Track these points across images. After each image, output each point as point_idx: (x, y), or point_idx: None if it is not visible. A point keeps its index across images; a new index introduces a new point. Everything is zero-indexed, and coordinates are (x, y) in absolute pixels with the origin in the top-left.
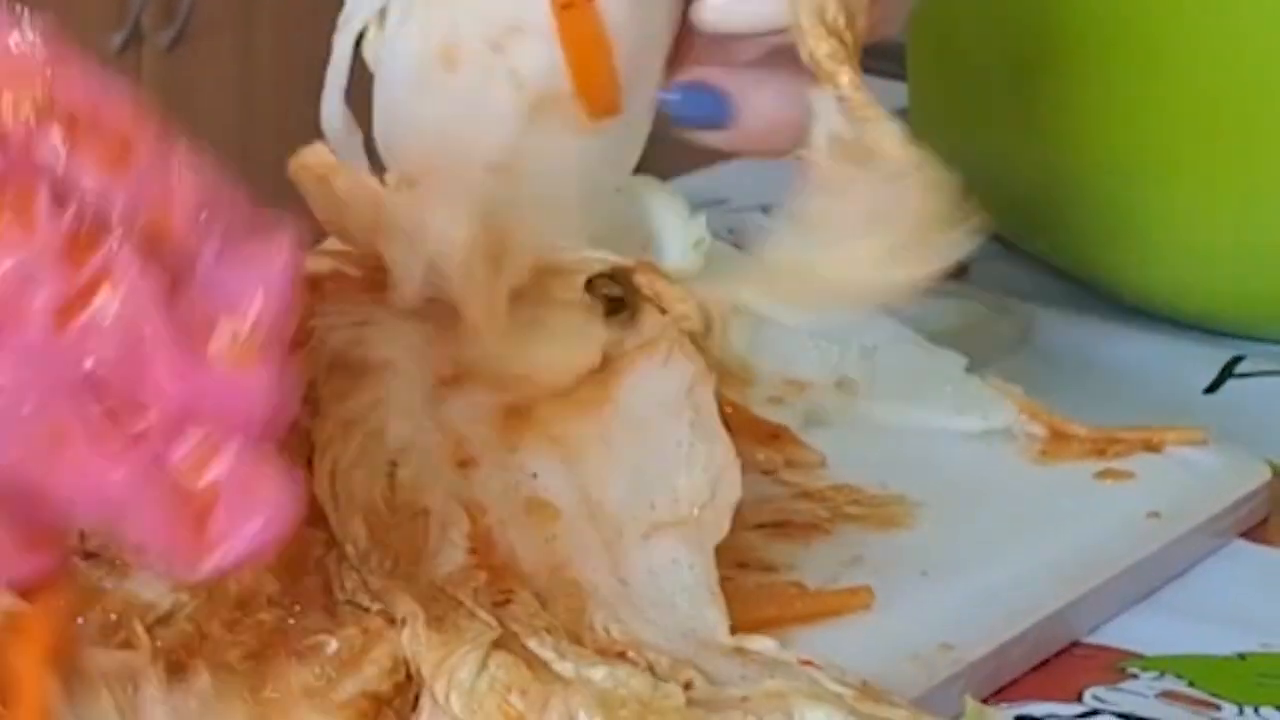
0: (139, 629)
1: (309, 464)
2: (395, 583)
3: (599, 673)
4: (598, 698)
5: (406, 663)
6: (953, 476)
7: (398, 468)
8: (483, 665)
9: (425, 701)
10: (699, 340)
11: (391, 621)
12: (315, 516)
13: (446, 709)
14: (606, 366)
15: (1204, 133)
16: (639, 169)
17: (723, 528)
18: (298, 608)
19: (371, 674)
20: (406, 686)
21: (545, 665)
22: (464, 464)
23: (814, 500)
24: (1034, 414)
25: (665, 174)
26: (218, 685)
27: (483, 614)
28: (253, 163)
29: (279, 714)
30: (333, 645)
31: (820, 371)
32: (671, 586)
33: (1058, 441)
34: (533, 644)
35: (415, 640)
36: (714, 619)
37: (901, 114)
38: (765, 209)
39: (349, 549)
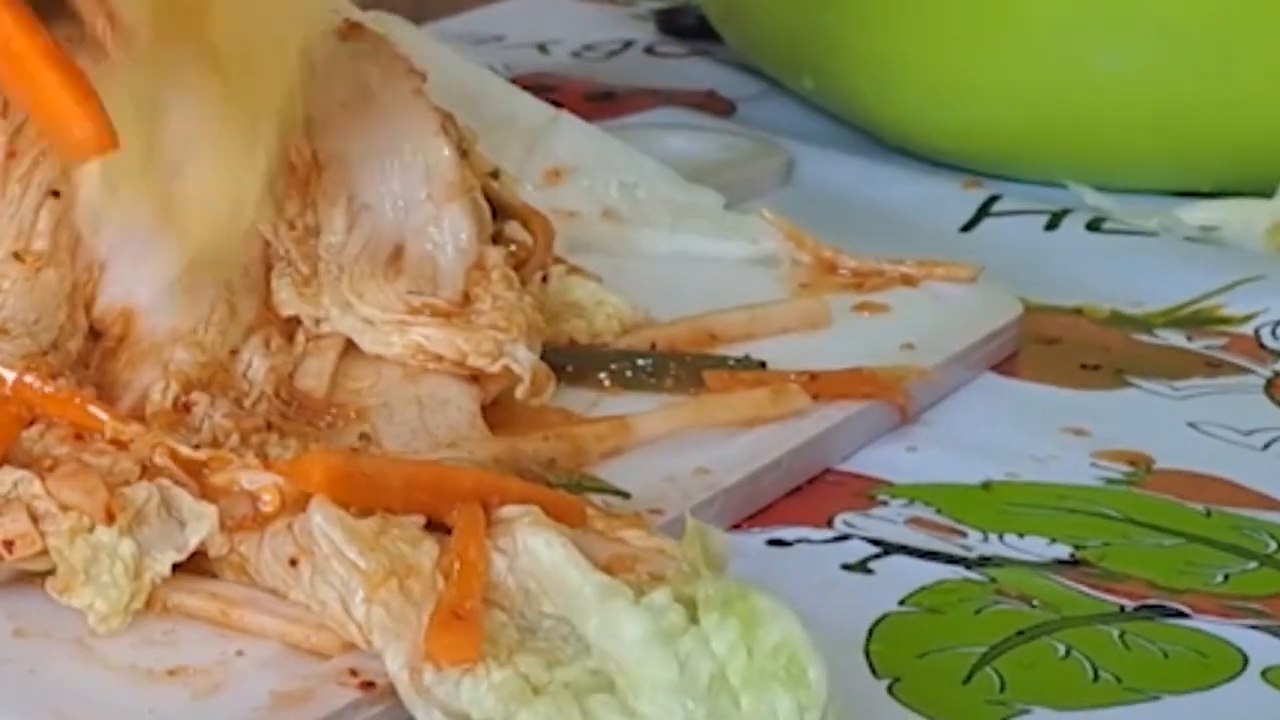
0: None
1: None
2: None
3: None
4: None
5: None
6: (714, 306)
7: None
8: None
9: None
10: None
11: None
12: None
13: None
14: None
15: None
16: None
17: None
18: None
19: None
20: None
21: None
22: None
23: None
24: (800, 242)
25: (442, 12)
26: None
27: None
28: None
29: None
30: None
31: (585, 203)
32: (435, 422)
33: (819, 273)
34: None
35: None
36: None
37: None
38: (541, 46)
39: None
